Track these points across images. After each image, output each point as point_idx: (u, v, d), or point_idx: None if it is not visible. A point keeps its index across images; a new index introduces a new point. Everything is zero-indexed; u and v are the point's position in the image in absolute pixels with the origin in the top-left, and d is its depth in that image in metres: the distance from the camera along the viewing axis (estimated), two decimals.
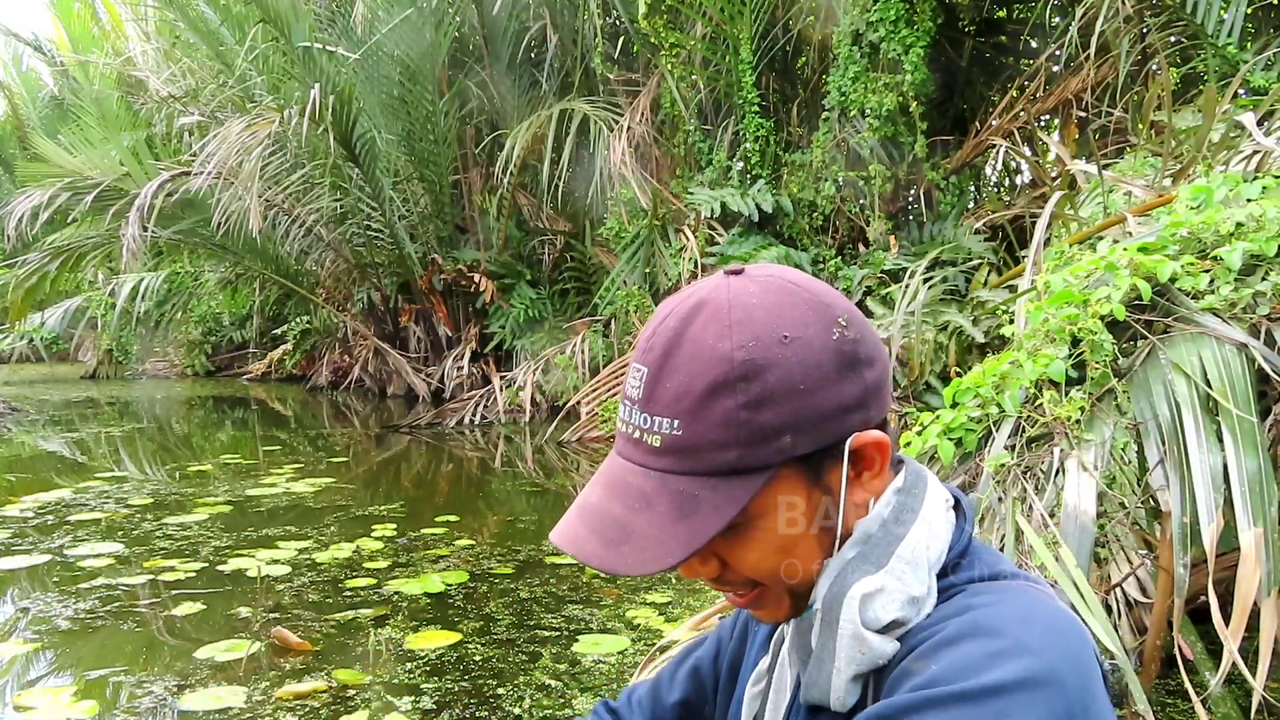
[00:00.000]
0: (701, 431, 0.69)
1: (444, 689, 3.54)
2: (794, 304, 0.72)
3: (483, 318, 12.38)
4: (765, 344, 0.69)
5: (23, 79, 20.89)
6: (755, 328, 0.70)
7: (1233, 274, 2.37)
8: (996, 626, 0.66)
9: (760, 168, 9.39)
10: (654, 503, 0.70)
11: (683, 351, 0.70)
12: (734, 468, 0.69)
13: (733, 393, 0.68)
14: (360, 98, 11.06)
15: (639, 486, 0.71)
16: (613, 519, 0.71)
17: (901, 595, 0.72)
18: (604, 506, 0.72)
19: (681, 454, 0.70)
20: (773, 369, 0.69)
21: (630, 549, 0.69)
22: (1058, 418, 2.34)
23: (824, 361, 0.70)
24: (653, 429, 0.71)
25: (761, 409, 0.68)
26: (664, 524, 0.69)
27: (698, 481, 0.70)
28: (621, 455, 0.74)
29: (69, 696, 3.53)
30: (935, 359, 6.80)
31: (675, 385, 0.70)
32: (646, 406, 0.71)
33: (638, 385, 0.72)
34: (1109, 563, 2.87)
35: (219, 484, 7.56)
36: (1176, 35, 6.58)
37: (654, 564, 0.69)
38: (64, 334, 19.52)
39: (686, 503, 0.69)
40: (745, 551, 0.73)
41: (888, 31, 8.06)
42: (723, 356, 0.69)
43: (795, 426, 0.69)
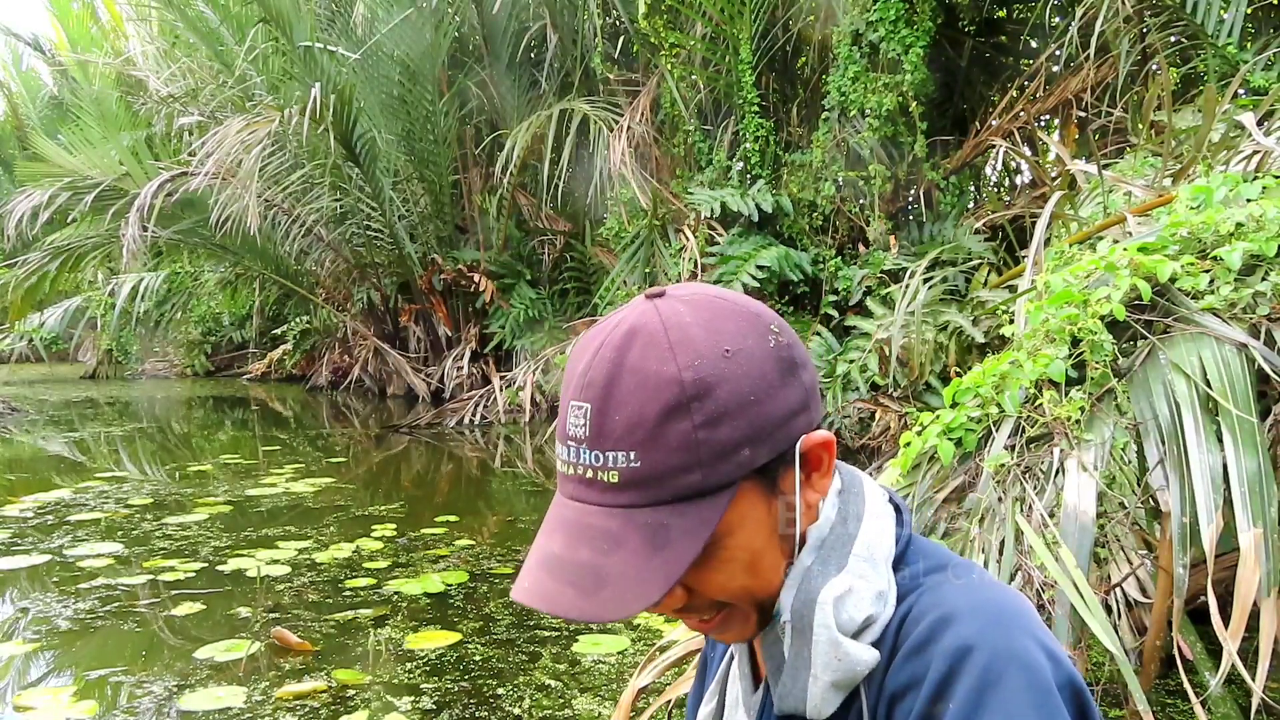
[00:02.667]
0: (661, 459, 0.67)
1: (444, 689, 3.54)
2: (727, 317, 0.71)
3: (483, 318, 12.38)
4: (710, 361, 0.68)
5: (23, 79, 20.88)
6: (696, 346, 0.68)
7: (1233, 274, 2.37)
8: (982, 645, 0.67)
9: (760, 168, 9.39)
10: (623, 541, 0.68)
11: (625, 381, 0.68)
12: (699, 490, 0.68)
13: (687, 414, 0.67)
14: (360, 98, 11.06)
15: (603, 527, 0.69)
16: (583, 565, 0.68)
17: (869, 592, 0.73)
18: (570, 555, 0.69)
19: (643, 485, 0.68)
20: (722, 384, 0.68)
21: (609, 593, 0.67)
22: (1058, 418, 2.34)
23: (767, 370, 0.70)
24: (607, 465, 0.68)
25: (718, 426, 0.67)
26: (638, 560, 0.67)
27: (664, 510, 0.68)
28: (574, 499, 0.71)
29: (69, 696, 3.53)
30: (935, 359, 6.79)
31: (626, 416, 0.67)
32: (597, 443, 0.68)
33: (582, 423, 0.69)
34: (1109, 563, 2.87)
35: (219, 484, 7.56)
36: (1176, 35, 6.58)
37: (636, 604, 0.67)
38: (64, 334, 19.51)
39: (658, 534, 0.67)
40: (713, 574, 0.72)
41: (887, 31, 8.06)
42: (670, 379, 0.67)
43: (752, 438, 0.69)
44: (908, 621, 0.71)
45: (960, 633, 0.67)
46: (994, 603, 0.70)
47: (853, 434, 7.79)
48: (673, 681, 2.76)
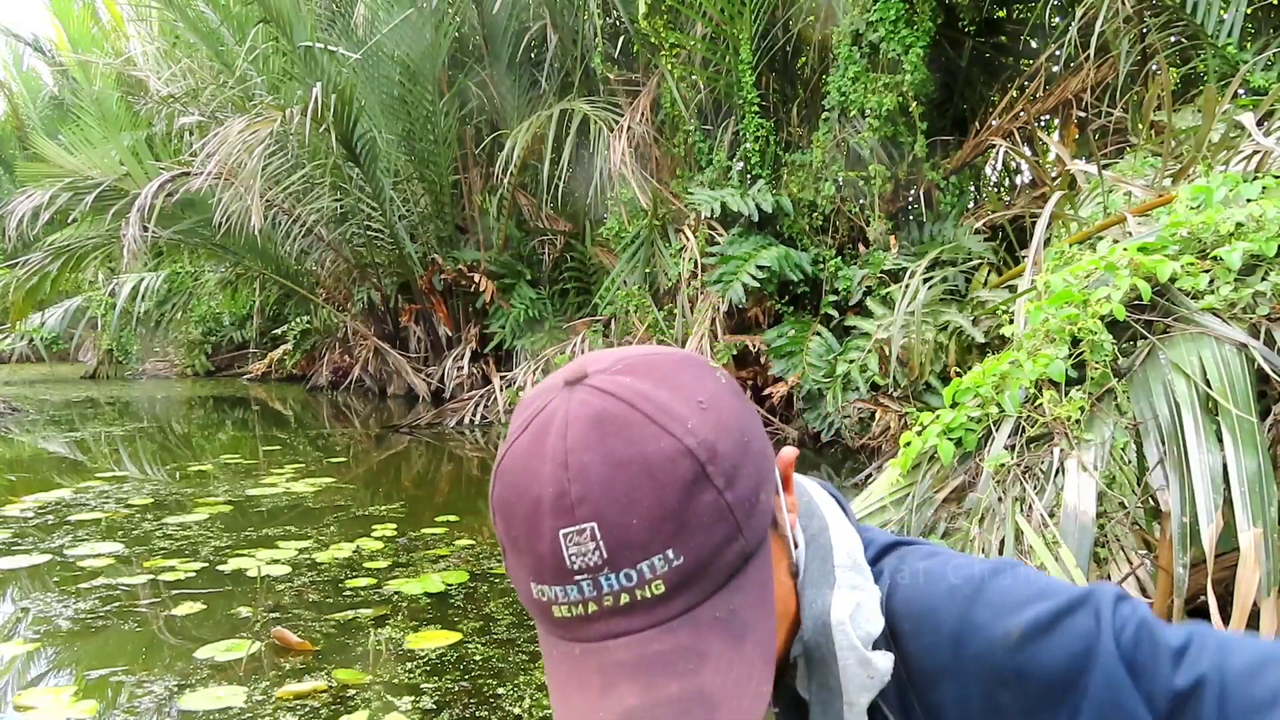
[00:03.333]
0: (702, 542, 0.59)
1: (444, 689, 3.54)
2: (674, 370, 0.64)
3: (483, 318, 12.38)
4: (698, 419, 0.61)
5: (23, 79, 20.89)
6: (676, 409, 0.61)
7: (1233, 274, 2.37)
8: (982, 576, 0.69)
9: (760, 168, 9.39)
10: (705, 650, 0.59)
11: (625, 476, 0.58)
12: (746, 555, 0.61)
13: (709, 482, 0.59)
14: (360, 98, 11.06)
15: (675, 647, 0.59)
16: (680, 700, 0.58)
17: (871, 600, 0.70)
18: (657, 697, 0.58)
19: (694, 580, 0.59)
20: (720, 438, 0.61)
21: (726, 713, 0.57)
22: (1058, 418, 2.34)
23: (736, 405, 0.65)
24: (645, 578, 0.58)
25: (737, 481, 0.61)
26: (730, 662, 0.59)
27: (724, 595, 0.60)
28: (612, 637, 0.60)
29: (69, 696, 3.53)
30: (935, 359, 6.79)
31: (646, 513, 0.58)
32: (621, 560, 0.58)
33: (591, 547, 0.58)
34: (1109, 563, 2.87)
35: (219, 484, 7.56)
36: (1176, 35, 6.58)
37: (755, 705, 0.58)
38: (64, 334, 19.52)
39: (733, 624, 0.60)
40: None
41: (887, 31, 8.06)
42: (676, 453, 0.59)
43: (761, 480, 0.64)
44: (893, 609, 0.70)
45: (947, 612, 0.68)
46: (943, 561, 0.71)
47: (853, 434, 7.79)
48: None
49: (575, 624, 0.60)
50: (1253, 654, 0.61)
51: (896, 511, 2.56)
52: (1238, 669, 0.60)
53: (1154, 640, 0.62)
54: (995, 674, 0.64)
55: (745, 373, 8.95)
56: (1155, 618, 0.64)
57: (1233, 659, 0.61)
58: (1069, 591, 0.65)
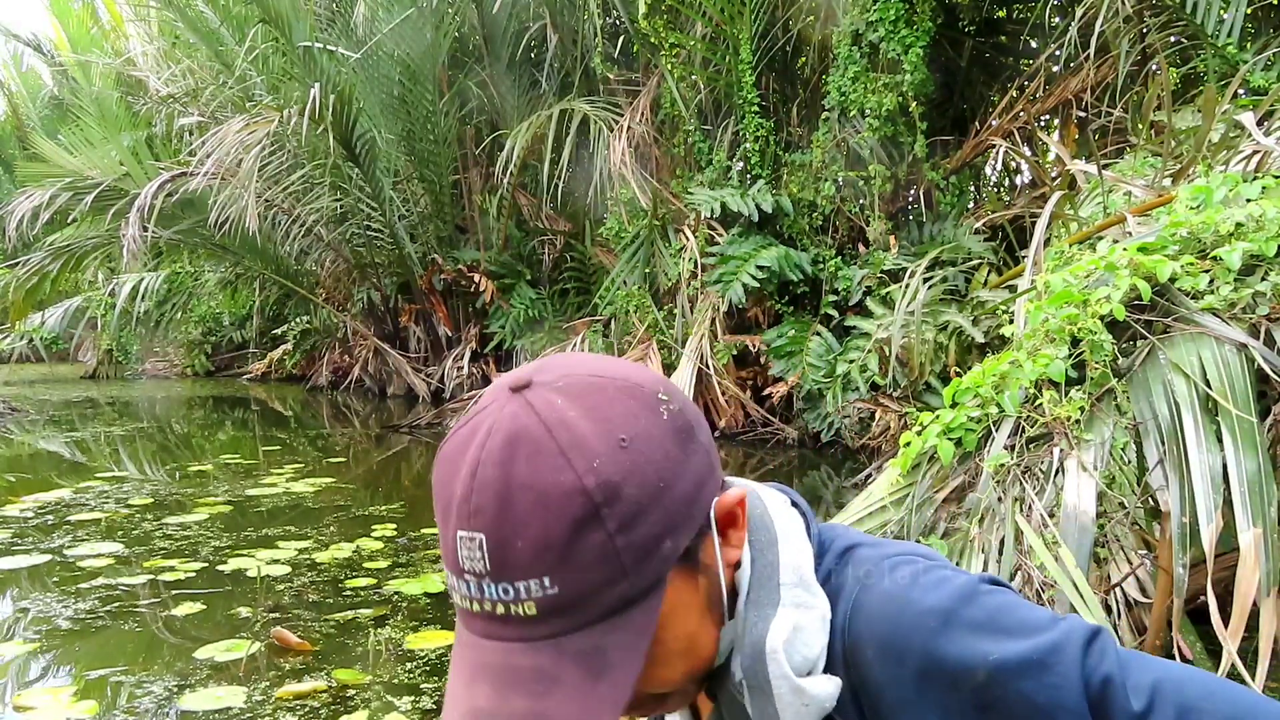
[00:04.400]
0: (581, 579, 0.61)
1: (444, 689, 3.54)
2: (611, 400, 0.64)
3: (483, 318, 12.38)
4: (609, 458, 0.61)
5: (23, 79, 20.89)
6: (589, 444, 0.61)
7: (1232, 274, 2.37)
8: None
9: (760, 168, 9.39)
10: (558, 677, 0.61)
11: (519, 501, 0.60)
12: (628, 599, 0.62)
13: (599, 524, 0.60)
14: (360, 98, 11.06)
15: (533, 666, 0.61)
16: (520, 716, 0.61)
17: (814, 620, 0.69)
18: (502, 706, 0.61)
19: (565, 611, 0.61)
20: (628, 481, 0.61)
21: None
22: (1057, 418, 2.34)
23: (668, 448, 0.64)
24: (519, 597, 0.61)
25: (635, 527, 0.61)
26: (581, 695, 0.61)
27: (596, 632, 0.62)
28: (488, 637, 0.63)
29: (69, 696, 3.53)
30: (935, 359, 6.79)
31: (530, 541, 0.60)
32: (501, 575, 0.61)
33: (478, 556, 0.61)
34: (1109, 563, 2.87)
35: (219, 484, 7.56)
36: (1176, 35, 6.58)
37: None
38: (64, 334, 19.50)
39: (594, 660, 0.61)
40: (653, 673, 0.67)
41: (887, 31, 8.06)
42: (572, 489, 0.60)
43: (671, 527, 0.63)
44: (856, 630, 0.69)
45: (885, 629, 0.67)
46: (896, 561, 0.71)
47: (853, 434, 7.79)
48: None
49: (465, 615, 0.65)
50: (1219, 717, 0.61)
51: (896, 511, 2.56)
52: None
53: (1116, 703, 0.62)
54: (960, 711, 0.64)
55: (745, 373, 8.96)
56: (1124, 662, 0.64)
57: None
58: (1039, 631, 0.64)
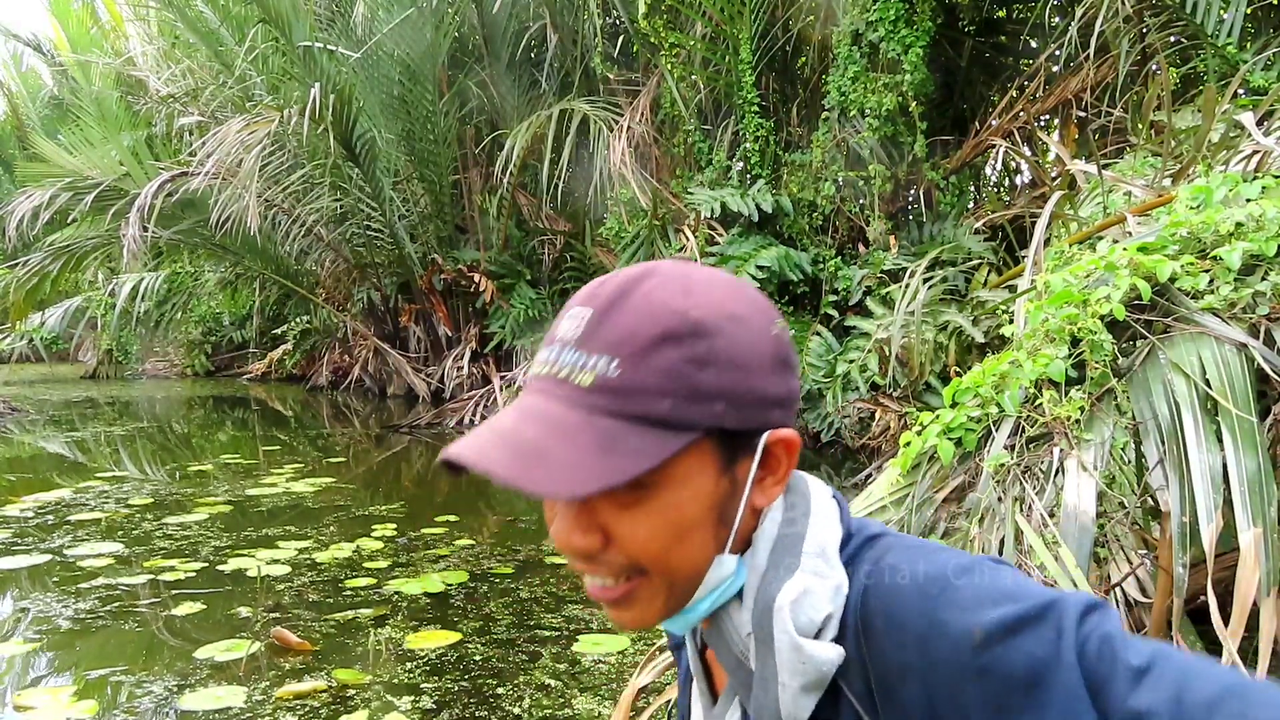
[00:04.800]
0: (640, 377, 0.67)
1: (444, 689, 3.54)
2: (743, 293, 0.73)
3: (483, 318, 12.38)
4: (717, 313, 0.69)
5: (23, 79, 20.89)
6: (711, 296, 0.70)
7: (1232, 274, 2.37)
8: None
9: (760, 168, 9.39)
10: (576, 434, 0.67)
11: (635, 300, 0.69)
12: (664, 419, 0.68)
13: (680, 345, 0.68)
14: (360, 97, 11.06)
15: (560, 418, 0.68)
16: (526, 440, 0.67)
17: (826, 589, 0.71)
18: (517, 429, 0.68)
19: (614, 394, 0.67)
20: (721, 336, 0.69)
21: (542, 470, 0.66)
22: (1057, 418, 2.34)
23: (763, 350, 0.71)
24: (586, 367, 0.68)
25: (704, 369, 0.68)
26: (583, 454, 0.66)
27: (624, 425, 0.67)
28: (541, 393, 0.70)
29: (69, 696, 3.53)
30: (935, 359, 6.79)
31: (622, 327, 0.68)
32: (584, 345, 0.69)
33: (576, 325, 0.70)
34: (1108, 563, 2.87)
35: (219, 484, 7.56)
36: (1176, 35, 6.58)
37: (565, 486, 0.65)
38: (64, 334, 19.51)
39: (609, 439, 0.67)
40: (638, 524, 0.70)
41: (887, 31, 8.06)
42: (677, 310, 0.69)
43: (730, 397, 0.69)
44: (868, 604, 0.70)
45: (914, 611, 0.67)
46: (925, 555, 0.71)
47: (853, 434, 7.79)
48: (672, 681, 2.77)
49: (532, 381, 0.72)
50: (1214, 685, 0.60)
51: (896, 511, 2.56)
52: (1197, 699, 0.59)
53: (1115, 656, 0.62)
54: (959, 673, 0.65)
55: None
56: (1122, 631, 0.64)
57: (1193, 687, 0.60)
58: (1037, 596, 0.65)
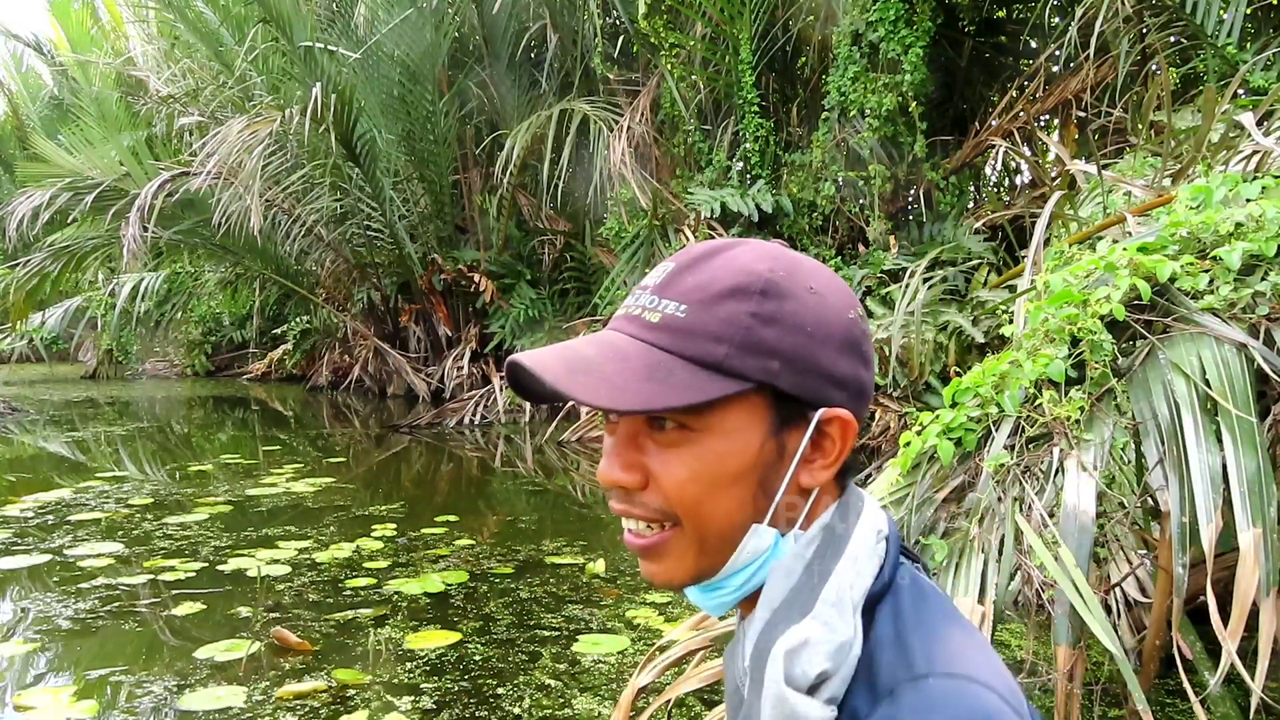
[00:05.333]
0: (703, 320, 0.71)
1: (444, 689, 3.55)
2: (827, 275, 0.76)
3: (483, 318, 12.38)
4: (794, 280, 0.73)
5: (22, 79, 20.88)
6: (791, 265, 0.74)
7: (1232, 274, 2.37)
8: None
9: (760, 168, 9.39)
10: (628, 359, 0.71)
11: (719, 259, 0.74)
12: (718, 363, 0.70)
13: (748, 299, 0.71)
14: (360, 98, 11.06)
15: (620, 345, 0.73)
16: (581, 354, 0.72)
17: (828, 645, 0.69)
18: (580, 349, 0.73)
19: (675, 333, 0.71)
20: (791, 300, 0.72)
21: (588, 380, 0.70)
22: (1057, 418, 2.34)
23: (834, 327, 0.73)
24: (656, 308, 0.73)
25: (767, 326, 0.71)
26: (630, 376, 0.70)
27: (678, 361, 0.71)
28: (610, 328, 0.76)
29: (69, 696, 3.53)
30: (935, 359, 6.79)
31: (698, 279, 0.73)
32: (661, 291, 0.74)
33: (660, 275, 0.75)
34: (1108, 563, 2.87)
35: (219, 484, 7.56)
36: (1176, 35, 6.58)
37: (606, 399, 0.69)
38: (64, 334, 19.51)
39: (659, 370, 0.70)
40: (678, 465, 0.72)
41: (887, 31, 8.06)
42: (755, 271, 0.72)
43: (788, 358, 0.71)
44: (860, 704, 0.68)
45: None
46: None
47: None
48: (672, 681, 2.76)
49: (612, 318, 0.77)
50: None
51: (896, 511, 2.56)
52: None
53: None
54: None
55: None
56: None
57: None
58: None
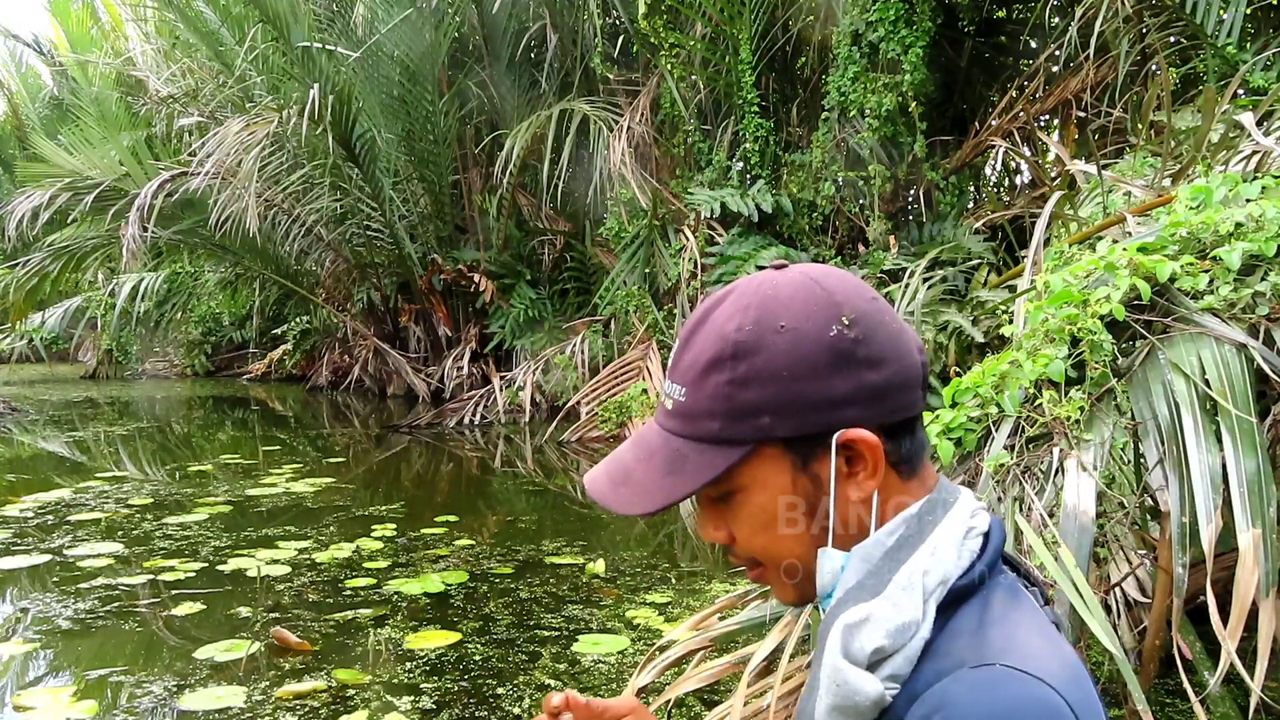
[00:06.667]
0: (697, 400, 0.76)
1: (444, 689, 3.55)
2: (803, 298, 0.75)
3: (483, 318, 12.38)
4: (761, 329, 0.74)
5: (22, 79, 20.88)
6: (761, 310, 0.75)
7: (1232, 274, 2.37)
8: None
9: (760, 168, 9.39)
10: (654, 456, 0.78)
11: (705, 327, 0.77)
12: (716, 437, 0.75)
13: (723, 368, 0.75)
14: (360, 98, 11.05)
15: (650, 441, 0.80)
16: (622, 464, 0.80)
17: (889, 623, 0.70)
18: (622, 454, 0.81)
19: (682, 418, 0.77)
20: (761, 353, 0.73)
21: (626, 490, 0.78)
22: (1057, 418, 2.34)
23: (814, 355, 0.73)
24: (670, 394, 0.79)
25: (746, 388, 0.74)
26: (655, 475, 0.77)
27: (689, 444, 0.77)
28: (652, 421, 0.83)
29: (69, 696, 3.53)
30: (935, 359, 6.79)
31: (690, 357, 0.77)
32: (671, 374, 0.80)
33: (673, 353, 0.80)
34: (1108, 563, 2.87)
35: (219, 484, 7.56)
36: (1176, 35, 6.58)
37: (636, 507, 0.77)
38: (64, 334, 19.50)
39: (676, 460, 0.77)
40: (738, 524, 0.79)
41: (887, 31, 8.06)
42: (725, 336, 0.75)
43: (776, 409, 0.74)
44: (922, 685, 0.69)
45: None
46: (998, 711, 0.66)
47: None
48: (672, 681, 2.77)
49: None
50: None
51: None
52: None
53: None
54: None
55: None
56: None
57: None
58: None
